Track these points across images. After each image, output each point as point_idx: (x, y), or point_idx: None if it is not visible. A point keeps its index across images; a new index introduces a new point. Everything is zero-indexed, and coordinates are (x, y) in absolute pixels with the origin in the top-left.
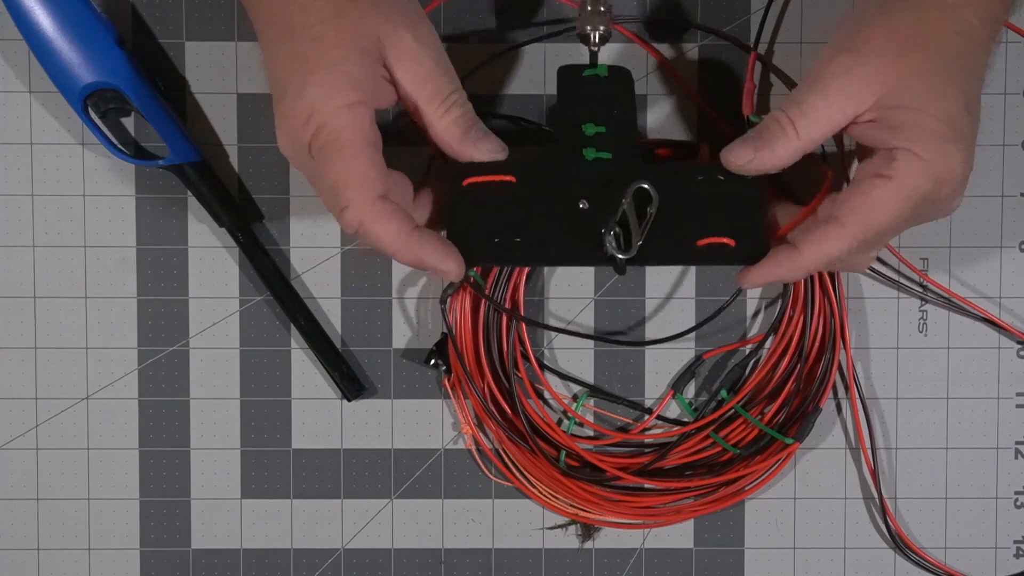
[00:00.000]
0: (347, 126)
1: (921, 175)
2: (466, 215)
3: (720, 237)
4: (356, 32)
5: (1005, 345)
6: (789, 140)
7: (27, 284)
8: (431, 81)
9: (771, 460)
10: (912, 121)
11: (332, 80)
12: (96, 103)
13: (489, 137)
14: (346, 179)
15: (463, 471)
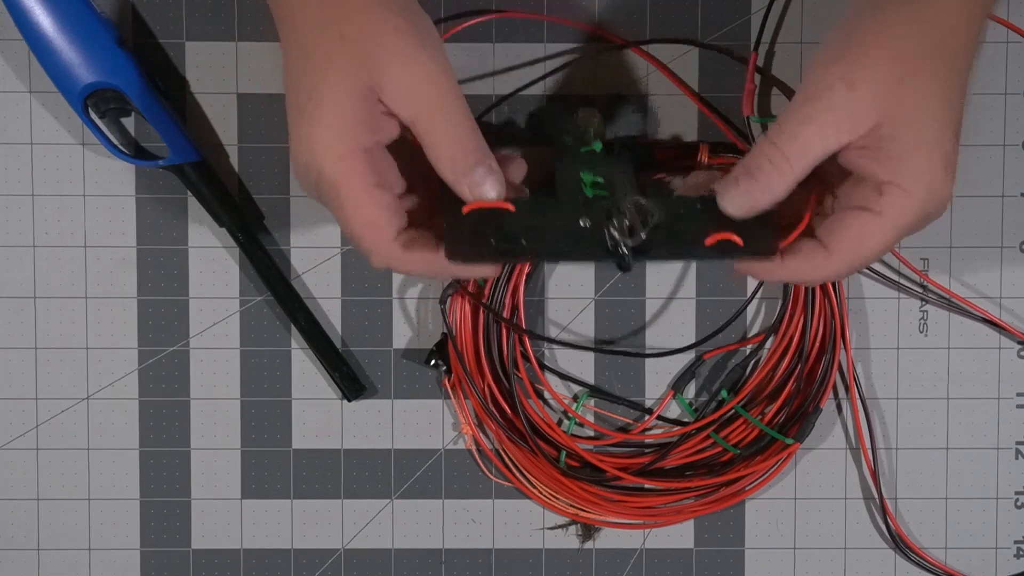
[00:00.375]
0: (344, 178)
1: (911, 211)
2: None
3: (727, 233)
4: (347, 77)
5: (1005, 345)
6: (785, 176)
7: (27, 284)
8: (427, 116)
9: (771, 460)
10: (906, 155)
11: (325, 132)
12: (96, 103)
13: (488, 179)
14: (357, 231)
15: (463, 471)
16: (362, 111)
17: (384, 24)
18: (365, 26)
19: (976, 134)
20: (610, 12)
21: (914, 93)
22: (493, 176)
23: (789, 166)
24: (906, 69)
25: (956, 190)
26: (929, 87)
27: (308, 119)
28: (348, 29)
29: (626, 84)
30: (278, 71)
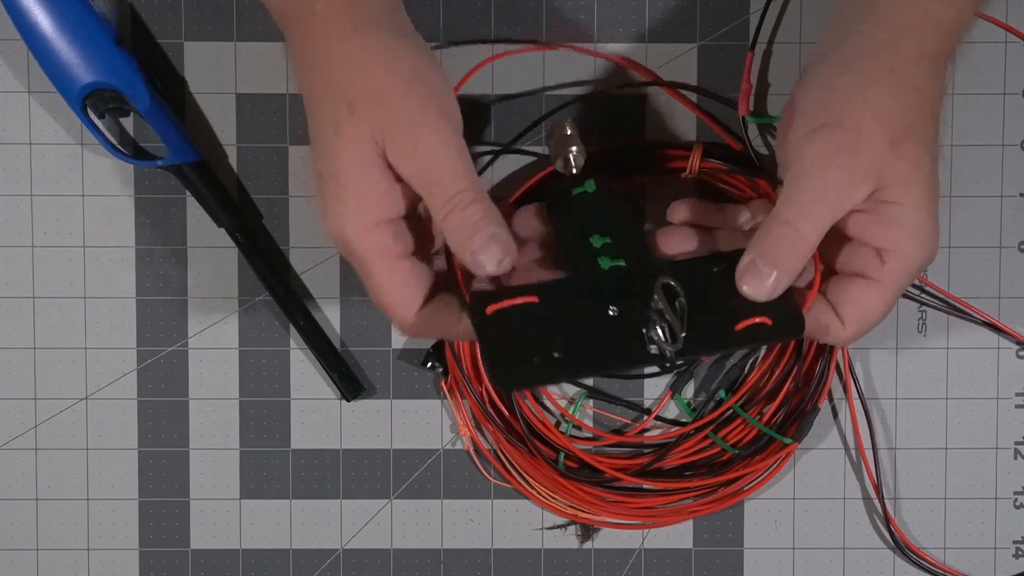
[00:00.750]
0: (368, 253)
1: (909, 274)
2: (497, 342)
3: (755, 317)
4: (360, 149)
5: (1004, 345)
6: (805, 255)
7: (26, 284)
8: (430, 184)
9: (770, 460)
10: (906, 219)
11: (346, 208)
12: (95, 103)
13: (489, 247)
14: (382, 301)
15: (462, 471)
16: (381, 182)
17: (390, 92)
18: (371, 94)
19: (975, 134)
20: (610, 12)
21: (907, 155)
22: (494, 244)
23: (807, 243)
24: (897, 133)
25: (955, 190)
26: (918, 147)
27: (330, 191)
28: (355, 99)
29: (624, 84)
30: (277, 71)
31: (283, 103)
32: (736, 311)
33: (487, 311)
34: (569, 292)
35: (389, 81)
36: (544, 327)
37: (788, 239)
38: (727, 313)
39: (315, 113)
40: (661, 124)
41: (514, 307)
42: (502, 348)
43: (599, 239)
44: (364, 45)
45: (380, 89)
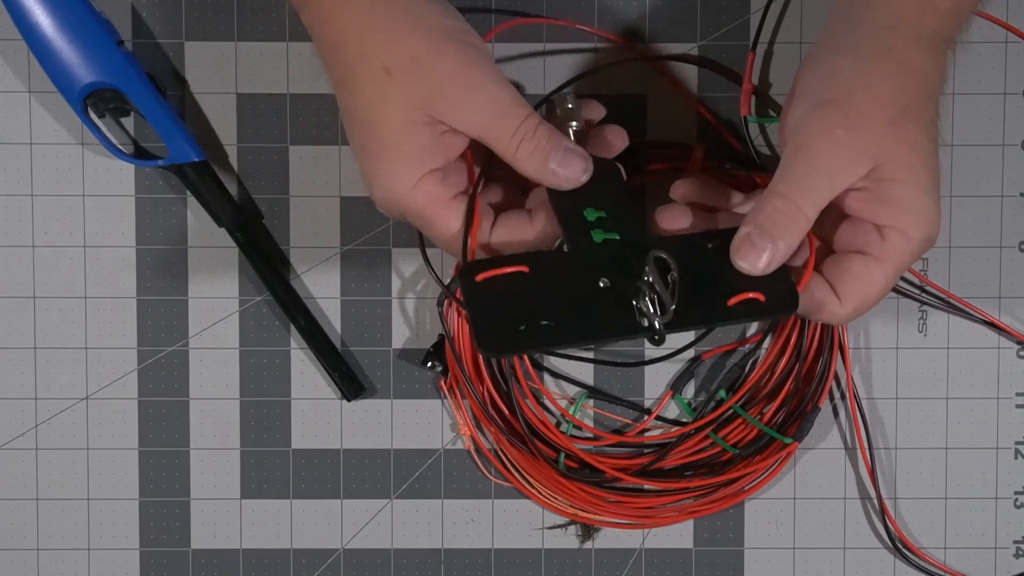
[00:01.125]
0: (423, 204)
1: (910, 252)
2: (485, 307)
3: (749, 292)
4: (401, 110)
5: (1005, 345)
6: (801, 227)
7: (27, 284)
8: (492, 127)
9: (770, 460)
10: (906, 196)
11: (393, 168)
12: (96, 103)
13: (569, 161)
14: (453, 245)
15: (462, 471)
16: (425, 138)
17: (427, 51)
18: (408, 57)
19: (975, 134)
20: (610, 12)
21: (905, 134)
22: (572, 154)
23: (803, 216)
24: (895, 113)
25: (955, 190)
26: (917, 127)
27: (375, 158)
28: (391, 62)
29: (624, 83)
30: (277, 71)
31: (283, 103)
32: (730, 286)
33: (477, 279)
34: (561, 263)
35: (421, 40)
36: (533, 296)
37: (784, 212)
38: (720, 288)
39: (350, 87)
40: (662, 124)
41: (504, 275)
42: (489, 314)
43: (593, 212)
44: (386, 12)
45: (415, 49)
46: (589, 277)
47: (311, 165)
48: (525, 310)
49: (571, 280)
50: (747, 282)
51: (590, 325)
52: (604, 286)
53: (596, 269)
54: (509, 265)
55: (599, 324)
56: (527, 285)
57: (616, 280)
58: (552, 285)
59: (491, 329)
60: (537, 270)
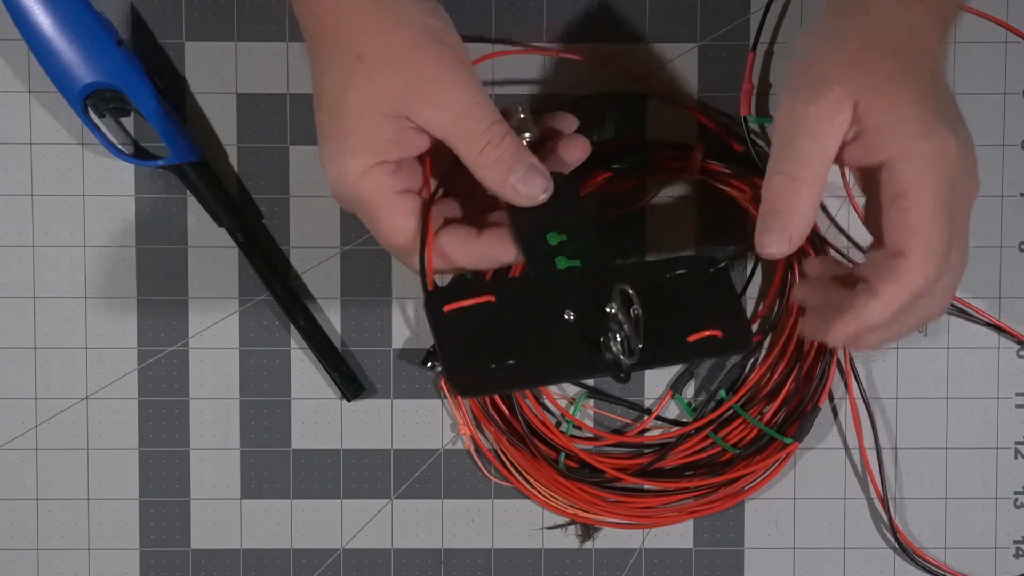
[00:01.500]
0: (370, 193)
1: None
2: (455, 345)
3: (707, 330)
4: (368, 95)
5: (1005, 345)
6: (805, 196)
7: (26, 284)
8: (458, 127)
9: (770, 460)
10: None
11: (345, 153)
12: (96, 103)
13: (530, 178)
14: (390, 238)
15: (463, 471)
16: (386, 130)
17: (404, 44)
18: (384, 48)
19: (975, 134)
20: (610, 12)
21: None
22: (534, 172)
23: (804, 184)
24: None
25: None
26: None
27: (333, 139)
28: (367, 50)
29: (624, 84)
30: (277, 71)
31: (283, 103)
32: (688, 322)
33: (444, 310)
34: (526, 292)
35: (399, 33)
36: (501, 330)
37: (784, 186)
38: (680, 323)
39: (323, 67)
40: (662, 124)
41: (471, 307)
42: (459, 352)
43: (555, 236)
44: (371, 2)
45: (391, 41)
46: (555, 309)
47: (311, 165)
48: (493, 347)
49: (537, 312)
50: (705, 319)
51: (557, 364)
52: (569, 319)
53: (561, 300)
54: (474, 296)
55: (566, 363)
56: (493, 316)
57: (581, 312)
58: (518, 317)
59: (463, 370)
60: (502, 300)
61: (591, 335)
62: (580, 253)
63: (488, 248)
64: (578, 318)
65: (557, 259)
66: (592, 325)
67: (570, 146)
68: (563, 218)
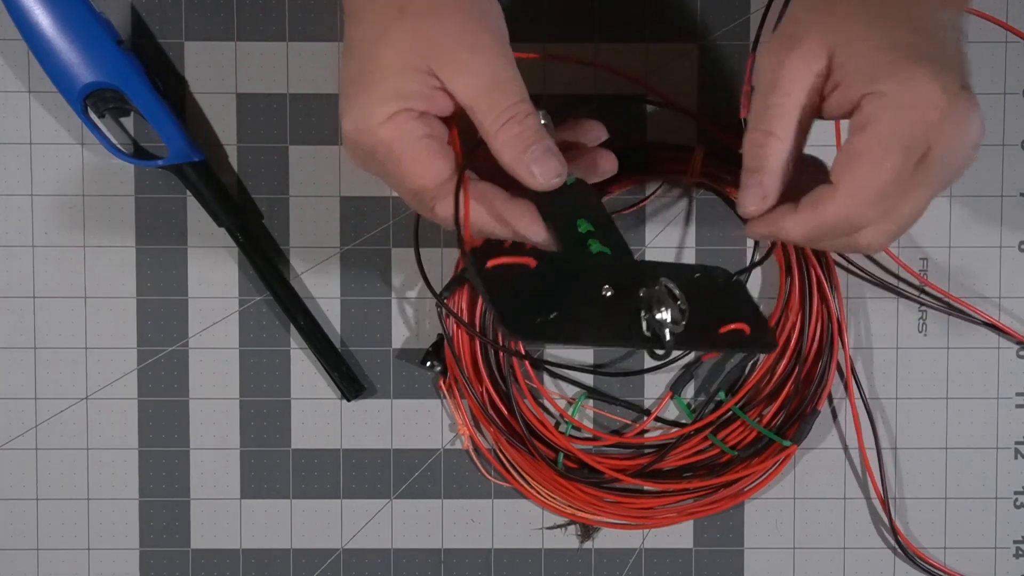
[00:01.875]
0: (394, 137)
1: (891, 111)
2: (503, 292)
3: (737, 323)
4: (402, 49)
5: (1005, 345)
6: (778, 150)
7: (27, 284)
8: (485, 95)
9: (769, 462)
10: (862, 63)
11: (372, 99)
12: (95, 103)
13: (546, 159)
14: (416, 181)
15: (462, 471)
16: (415, 83)
17: (447, 3)
18: (424, 4)
19: None
20: (610, 12)
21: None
22: (551, 155)
23: (775, 138)
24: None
25: (956, 190)
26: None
27: (358, 88)
28: (407, 3)
29: (623, 86)
30: (277, 71)
31: (283, 103)
32: (718, 315)
33: (487, 265)
34: (566, 263)
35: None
36: (544, 289)
37: (757, 143)
38: (711, 315)
39: (360, 16)
40: (662, 126)
41: (513, 265)
42: (508, 299)
43: (585, 224)
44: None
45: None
46: (593, 283)
47: (311, 165)
48: (539, 301)
49: (577, 282)
50: (733, 314)
51: (601, 328)
52: (607, 295)
53: (598, 277)
54: (517, 255)
55: (609, 328)
56: (536, 278)
57: (617, 292)
58: (560, 282)
59: (516, 311)
60: (543, 265)
61: (631, 309)
62: (608, 244)
63: (520, 213)
64: (615, 296)
65: (590, 242)
66: (632, 302)
67: (603, 157)
68: (589, 213)
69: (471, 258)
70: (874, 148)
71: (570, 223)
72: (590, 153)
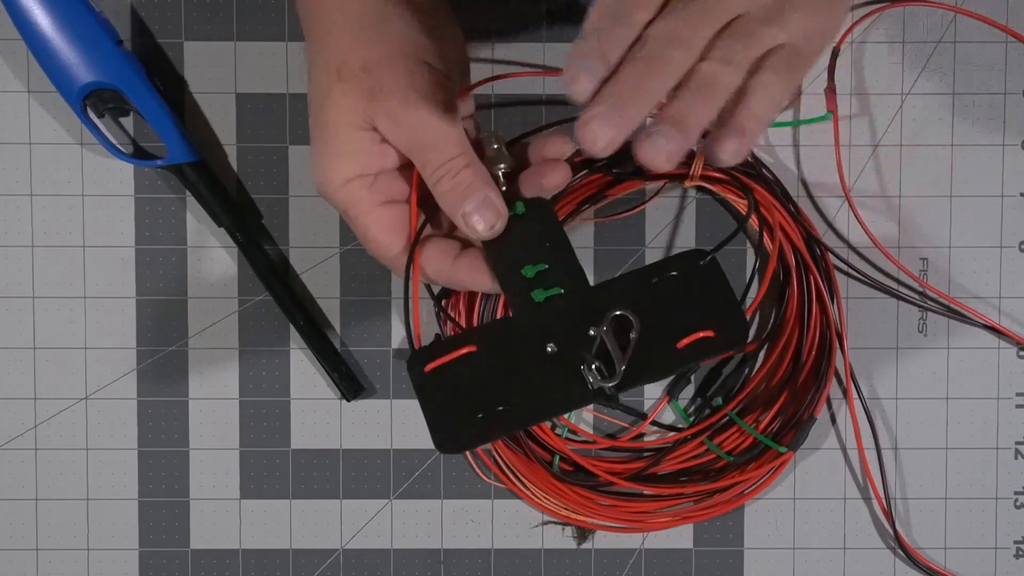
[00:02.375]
0: (348, 204)
1: None
2: (439, 403)
3: (698, 332)
4: (343, 109)
5: (1004, 346)
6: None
7: (26, 284)
8: (418, 151)
9: (766, 468)
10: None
11: (328, 161)
12: (95, 103)
13: (479, 212)
14: (370, 247)
15: (462, 471)
16: (361, 143)
17: (378, 61)
18: (359, 62)
19: (975, 134)
20: None
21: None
22: (485, 207)
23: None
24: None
25: (955, 190)
26: None
27: (317, 148)
28: (344, 65)
29: None
30: (277, 71)
31: (283, 103)
32: (678, 327)
33: (426, 370)
34: (508, 333)
35: (376, 49)
36: (485, 378)
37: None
38: (668, 331)
39: (311, 76)
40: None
41: (453, 361)
42: (444, 409)
43: (531, 269)
44: (358, 13)
45: (368, 58)
46: (537, 343)
47: (310, 165)
48: (479, 397)
49: (519, 350)
50: (695, 321)
51: (544, 400)
52: (552, 351)
53: (542, 334)
54: (456, 348)
55: (552, 398)
56: (477, 366)
57: (563, 341)
58: (501, 361)
59: (447, 426)
60: (484, 347)
61: (574, 365)
62: (560, 280)
63: (462, 275)
64: (561, 349)
65: (534, 292)
66: (575, 355)
67: (547, 172)
68: (539, 246)
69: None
70: None
71: (515, 270)
72: (537, 170)
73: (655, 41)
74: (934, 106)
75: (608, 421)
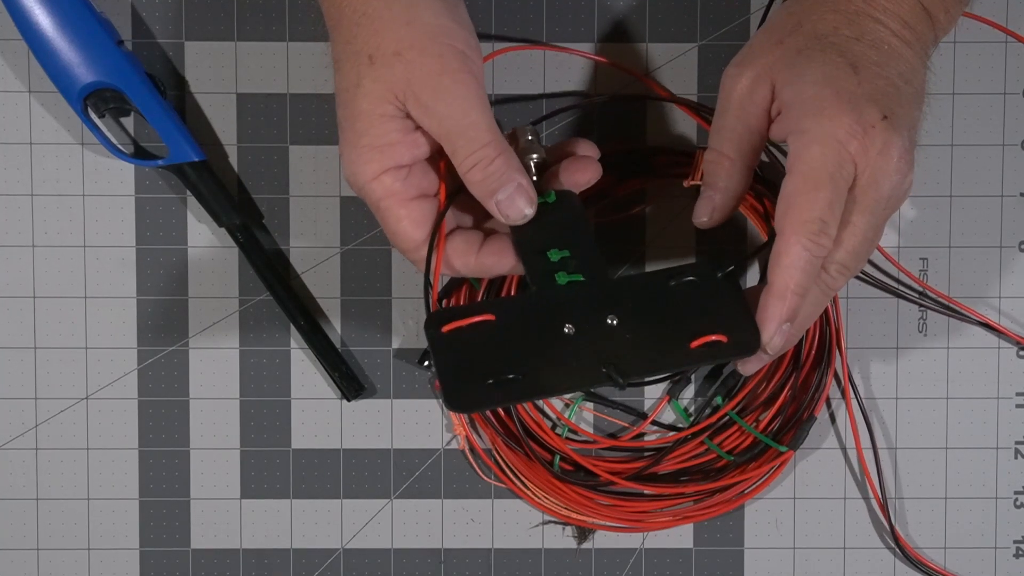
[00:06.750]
0: (380, 197)
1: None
2: (452, 362)
3: (711, 335)
4: (375, 97)
5: (1004, 345)
6: (729, 168)
7: (26, 284)
8: (450, 140)
9: (766, 467)
10: (794, 97)
11: (359, 154)
12: (96, 103)
13: (512, 200)
14: (394, 240)
15: (462, 471)
16: (394, 132)
17: (410, 46)
18: (391, 48)
19: (975, 134)
20: (610, 12)
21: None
22: (518, 195)
23: (727, 158)
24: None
25: (955, 190)
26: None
27: (346, 140)
28: (376, 51)
29: (623, 87)
30: (277, 71)
31: (283, 103)
32: (691, 328)
33: (443, 330)
34: (526, 308)
35: (409, 35)
36: (500, 346)
37: (711, 161)
38: (682, 331)
39: (340, 67)
40: (662, 129)
41: (471, 325)
42: (456, 368)
43: (556, 253)
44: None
45: (400, 44)
46: (554, 323)
47: (311, 165)
48: (492, 362)
49: (536, 327)
50: (709, 324)
51: (556, 377)
52: (569, 332)
53: (561, 314)
54: (475, 314)
55: (565, 375)
56: (493, 334)
57: (581, 325)
58: (518, 333)
59: (458, 384)
60: (502, 317)
61: (590, 347)
62: (581, 268)
63: (488, 260)
64: (578, 331)
65: (557, 275)
66: (591, 337)
67: (579, 168)
68: (565, 234)
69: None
70: (803, 185)
71: (541, 252)
72: (572, 164)
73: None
74: (934, 106)
75: (608, 421)
